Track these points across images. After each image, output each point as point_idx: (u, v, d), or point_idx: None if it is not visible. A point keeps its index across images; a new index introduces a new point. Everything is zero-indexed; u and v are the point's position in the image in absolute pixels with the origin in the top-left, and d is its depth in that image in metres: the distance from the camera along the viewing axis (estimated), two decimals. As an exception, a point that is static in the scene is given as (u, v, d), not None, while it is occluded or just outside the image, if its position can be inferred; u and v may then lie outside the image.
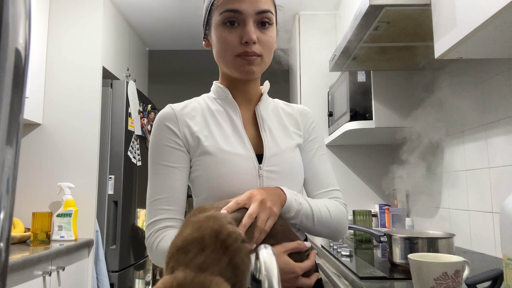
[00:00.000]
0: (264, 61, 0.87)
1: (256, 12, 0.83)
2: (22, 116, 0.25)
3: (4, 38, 0.23)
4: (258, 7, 0.83)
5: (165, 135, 0.86)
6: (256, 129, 0.91)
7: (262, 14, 0.84)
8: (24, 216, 2.22)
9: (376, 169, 2.59)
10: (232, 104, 0.90)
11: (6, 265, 0.24)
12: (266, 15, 0.84)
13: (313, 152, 0.95)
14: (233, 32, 0.84)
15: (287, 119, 0.95)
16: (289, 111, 0.97)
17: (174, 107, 0.89)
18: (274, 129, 0.91)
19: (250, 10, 0.83)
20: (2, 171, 0.23)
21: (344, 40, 1.72)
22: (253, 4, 0.83)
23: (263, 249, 0.43)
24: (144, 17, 2.83)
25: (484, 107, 1.53)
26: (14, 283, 1.53)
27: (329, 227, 0.87)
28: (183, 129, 0.87)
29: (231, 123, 0.89)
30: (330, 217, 0.87)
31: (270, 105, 0.96)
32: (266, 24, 0.85)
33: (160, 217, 0.82)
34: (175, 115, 0.88)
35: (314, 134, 0.97)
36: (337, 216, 0.88)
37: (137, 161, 2.66)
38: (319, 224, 0.86)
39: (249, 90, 0.92)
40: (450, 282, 0.80)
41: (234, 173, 0.82)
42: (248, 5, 0.82)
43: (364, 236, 1.76)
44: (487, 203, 1.50)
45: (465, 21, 1.03)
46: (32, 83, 2.22)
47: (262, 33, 0.85)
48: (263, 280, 0.40)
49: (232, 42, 0.84)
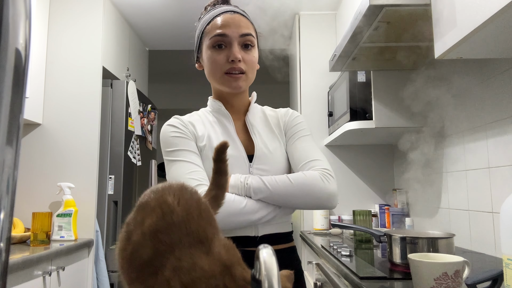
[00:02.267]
0: (249, 77, 1.03)
1: (239, 35, 1.00)
2: (22, 116, 0.25)
3: (4, 38, 0.23)
4: (241, 31, 1.00)
5: (173, 130, 1.00)
6: (247, 134, 1.05)
7: (245, 36, 1.00)
8: (24, 216, 2.22)
9: (376, 169, 2.59)
10: (225, 115, 1.05)
11: (6, 265, 0.24)
12: (248, 38, 1.01)
13: (294, 137, 1.06)
14: (221, 53, 1.00)
15: (272, 122, 1.08)
16: (273, 115, 1.11)
17: (178, 117, 1.04)
18: (263, 133, 1.05)
19: (234, 34, 0.99)
20: (2, 171, 0.23)
21: (344, 40, 1.72)
22: (237, 28, 1.00)
23: (263, 249, 0.43)
24: (144, 17, 2.83)
25: (484, 107, 1.53)
26: (14, 283, 1.53)
27: (295, 194, 0.93)
28: (189, 127, 1.02)
29: (225, 130, 1.03)
30: (291, 183, 0.93)
31: (258, 113, 1.10)
32: (248, 46, 1.02)
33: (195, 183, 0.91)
34: (181, 120, 1.03)
35: (294, 122, 1.08)
36: (302, 181, 0.94)
37: (137, 161, 2.66)
38: (281, 193, 0.92)
39: (238, 102, 1.07)
40: (450, 282, 0.80)
41: None
42: (233, 29, 0.99)
43: (364, 236, 1.76)
44: (487, 203, 1.50)
45: (465, 21, 1.03)
46: (32, 83, 2.22)
47: (245, 53, 1.01)
48: (263, 280, 0.40)
49: (220, 61, 0.99)
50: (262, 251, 0.43)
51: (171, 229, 0.54)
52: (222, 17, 1.01)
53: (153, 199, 0.58)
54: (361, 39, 1.63)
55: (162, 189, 0.60)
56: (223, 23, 1.00)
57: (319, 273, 1.67)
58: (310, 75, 2.68)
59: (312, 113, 2.65)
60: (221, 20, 1.00)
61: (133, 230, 0.56)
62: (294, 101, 2.94)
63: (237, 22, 1.00)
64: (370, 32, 1.54)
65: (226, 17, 1.00)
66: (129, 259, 0.54)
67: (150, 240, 0.54)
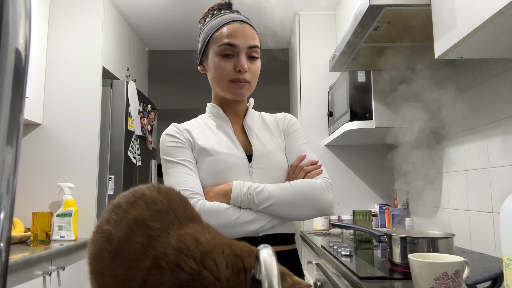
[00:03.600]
0: (251, 86, 1.06)
1: (248, 47, 1.03)
2: (22, 116, 0.25)
3: (4, 38, 0.23)
4: (249, 43, 1.03)
5: (170, 140, 1.03)
6: (245, 136, 1.08)
7: (252, 48, 1.04)
8: (24, 216, 2.22)
9: (376, 169, 2.59)
10: (223, 119, 1.08)
11: (6, 265, 0.24)
12: (255, 50, 1.04)
13: (293, 142, 1.10)
14: (228, 61, 1.02)
15: (271, 124, 1.12)
16: (271, 119, 1.15)
17: (176, 125, 1.07)
18: (261, 134, 1.08)
19: (243, 45, 1.02)
20: (2, 171, 0.23)
21: (344, 40, 1.72)
22: (246, 40, 1.02)
23: (263, 249, 0.43)
24: (144, 17, 2.83)
25: (484, 107, 1.53)
26: (14, 283, 1.53)
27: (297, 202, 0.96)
28: (185, 135, 1.04)
29: (224, 132, 1.06)
30: (292, 187, 0.97)
31: (255, 117, 1.13)
32: (254, 57, 1.05)
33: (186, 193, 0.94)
34: (178, 128, 1.06)
35: (292, 128, 1.12)
36: (302, 186, 0.97)
37: (137, 161, 2.66)
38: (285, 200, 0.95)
39: (237, 107, 1.11)
40: (450, 282, 0.80)
41: (229, 170, 0.99)
42: (242, 41, 1.02)
43: (364, 236, 1.76)
44: (487, 203, 1.50)
45: (465, 21, 1.03)
46: (32, 83, 2.22)
47: (251, 63, 1.04)
48: (263, 280, 0.40)
49: (227, 70, 1.02)
50: (262, 251, 0.43)
51: (159, 216, 0.54)
52: (232, 26, 1.02)
53: (130, 196, 0.57)
54: (361, 39, 1.63)
55: (136, 188, 0.59)
56: (232, 33, 1.02)
57: (319, 273, 1.67)
58: (310, 75, 2.68)
59: (312, 113, 2.65)
60: (231, 29, 1.02)
61: (112, 229, 0.55)
62: (294, 101, 2.94)
63: (246, 33, 1.03)
64: (370, 32, 1.54)
65: (236, 26, 1.03)
66: (114, 256, 0.53)
67: (140, 230, 0.52)
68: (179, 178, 0.97)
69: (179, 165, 0.99)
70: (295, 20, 2.80)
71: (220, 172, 0.99)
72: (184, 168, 0.99)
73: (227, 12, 1.08)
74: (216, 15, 1.08)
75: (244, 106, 1.13)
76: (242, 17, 1.07)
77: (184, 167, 0.99)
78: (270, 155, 1.04)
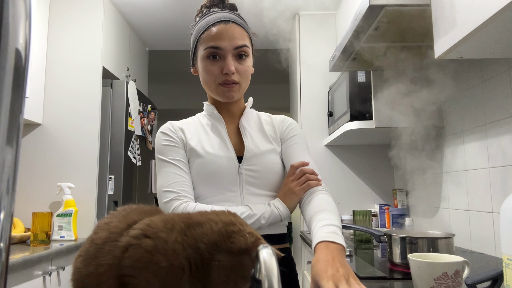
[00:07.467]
0: (242, 87, 1.04)
1: (234, 48, 0.99)
2: (22, 116, 0.25)
3: (4, 38, 0.23)
4: (235, 44, 0.99)
5: (164, 138, 1.03)
6: (239, 137, 1.07)
7: (239, 48, 1.00)
8: (24, 216, 2.22)
9: (376, 169, 2.59)
10: (218, 118, 1.07)
11: (6, 265, 0.24)
12: (242, 49, 1.01)
13: (291, 146, 1.07)
14: (215, 64, 1.00)
15: (267, 127, 1.10)
16: (269, 121, 1.12)
17: (171, 122, 1.07)
18: (255, 135, 1.06)
19: (229, 47, 0.99)
20: (2, 171, 0.23)
21: (344, 40, 1.72)
22: (231, 41, 0.99)
23: (263, 249, 0.43)
24: (144, 17, 2.83)
25: (484, 107, 1.53)
26: (14, 283, 1.53)
27: None
28: (179, 134, 1.04)
29: (217, 132, 1.05)
30: None
31: (253, 117, 1.11)
32: (243, 56, 1.02)
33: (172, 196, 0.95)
34: (172, 126, 1.06)
35: (291, 133, 1.09)
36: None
37: (137, 161, 2.66)
38: None
39: (232, 107, 1.09)
40: (450, 282, 0.80)
41: (217, 171, 0.99)
42: (227, 42, 0.98)
43: (364, 236, 1.76)
44: (487, 203, 1.50)
45: (465, 21, 1.03)
46: (32, 83, 2.22)
47: (239, 64, 1.01)
48: (263, 280, 0.40)
49: (214, 73, 1.00)
50: (262, 251, 0.43)
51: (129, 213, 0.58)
52: (217, 28, 0.99)
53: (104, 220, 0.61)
54: (361, 39, 1.63)
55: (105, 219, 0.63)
56: (217, 35, 0.98)
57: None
58: (310, 75, 2.68)
59: (312, 113, 2.64)
60: (216, 31, 0.99)
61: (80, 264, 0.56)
62: (294, 101, 2.94)
63: (231, 33, 0.99)
64: (370, 32, 1.54)
65: (221, 28, 0.99)
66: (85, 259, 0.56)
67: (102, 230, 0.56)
68: (169, 179, 0.98)
69: (171, 164, 0.99)
70: (295, 20, 2.80)
71: (209, 174, 0.99)
72: (175, 168, 0.99)
73: (215, 11, 1.04)
74: (204, 15, 1.05)
75: (240, 106, 1.11)
76: (229, 16, 1.02)
77: (175, 167, 0.99)
78: (262, 157, 1.02)
